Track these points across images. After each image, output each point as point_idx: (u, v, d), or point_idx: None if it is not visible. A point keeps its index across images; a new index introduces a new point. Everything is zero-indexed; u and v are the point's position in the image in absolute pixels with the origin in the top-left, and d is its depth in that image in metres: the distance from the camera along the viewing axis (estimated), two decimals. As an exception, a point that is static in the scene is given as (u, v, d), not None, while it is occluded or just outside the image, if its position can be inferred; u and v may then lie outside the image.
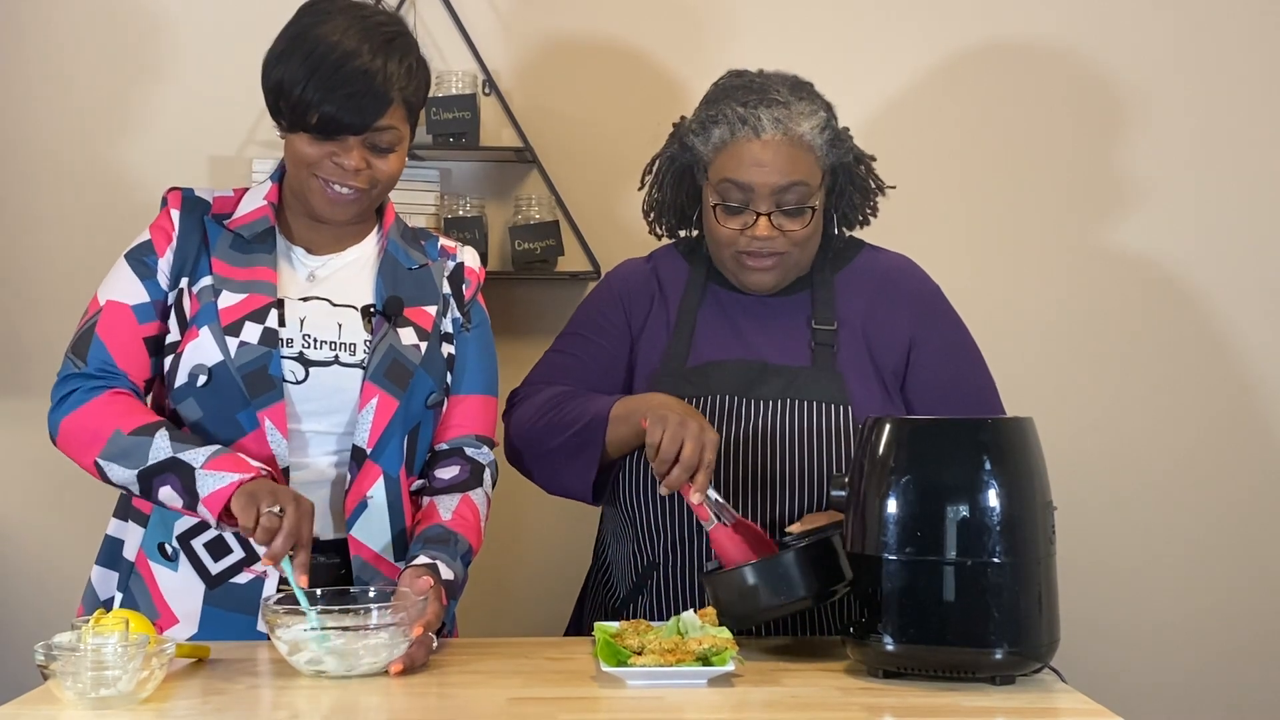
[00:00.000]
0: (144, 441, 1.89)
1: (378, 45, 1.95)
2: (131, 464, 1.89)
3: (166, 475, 1.88)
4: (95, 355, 1.97)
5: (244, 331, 1.96)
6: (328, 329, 2.01)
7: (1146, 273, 2.95)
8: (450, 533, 2.00)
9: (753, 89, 2.12)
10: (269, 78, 1.98)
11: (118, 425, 1.91)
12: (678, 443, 1.92)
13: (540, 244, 2.80)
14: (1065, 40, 2.93)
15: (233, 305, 1.97)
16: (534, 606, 2.89)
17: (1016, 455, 1.75)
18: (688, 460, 1.92)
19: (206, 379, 1.95)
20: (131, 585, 2.01)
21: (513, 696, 1.70)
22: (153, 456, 1.88)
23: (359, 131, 1.95)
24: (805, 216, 2.12)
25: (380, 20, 1.99)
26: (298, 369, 1.98)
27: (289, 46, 1.96)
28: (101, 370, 1.97)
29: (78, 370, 1.97)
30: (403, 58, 1.97)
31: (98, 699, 1.61)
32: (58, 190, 2.87)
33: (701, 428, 1.94)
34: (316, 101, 1.93)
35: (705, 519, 1.94)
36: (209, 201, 2.06)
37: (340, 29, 1.94)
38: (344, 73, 1.92)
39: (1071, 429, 2.88)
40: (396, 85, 1.96)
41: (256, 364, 1.95)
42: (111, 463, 1.91)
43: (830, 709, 1.65)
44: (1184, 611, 2.96)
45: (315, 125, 1.94)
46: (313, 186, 2.00)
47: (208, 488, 1.85)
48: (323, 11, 1.98)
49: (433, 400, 2.06)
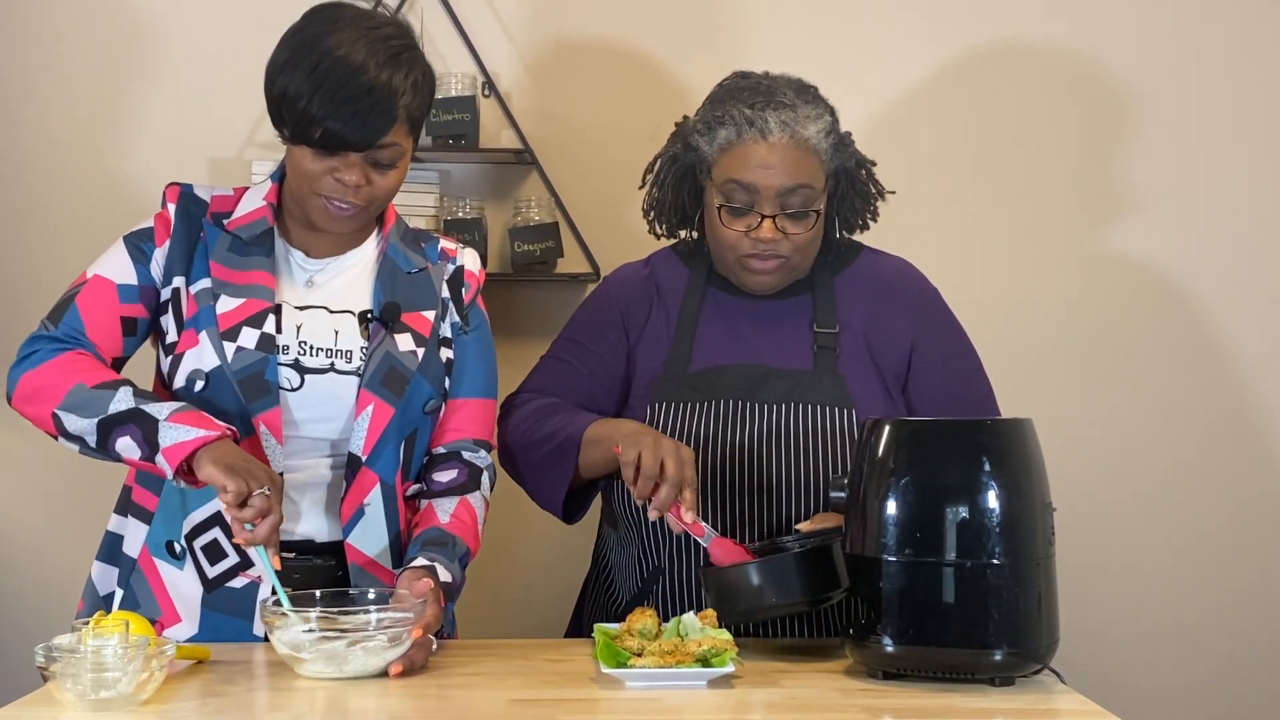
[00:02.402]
0: (106, 394, 1.86)
1: (385, 60, 1.91)
2: (90, 414, 1.86)
3: (127, 426, 1.84)
4: (68, 322, 1.96)
5: (241, 337, 1.95)
6: (324, 336, 2.00)
7: (1148, 277, 2.95)
8: (448, 535, 2.00)
9: (759, 91, 2.12)
10: (273, 86, 1.95)
11: (80, 380, 1.89)
12: (659, 460, 1.92)
13: (540, 246, 2.79)
14: (1071, 44, 2.93)
15: (230, 310, 1.97)
16: (533, 609, 2.89)
17: (1016, 456, 1.76)
18: (674, 476, 1.91)
19: (204, 384, 1.95)
20: (133, 582, 2.00)
21: (512, 698, 1.70)
22: (113, 407, 1.85)
23: (362, 149, 1.93)
24: (809, 220, 2.12)
25: (388, 33, 1.95)
26: (293, 376, 1.98)
27: (294, 56, 1.92)
28: (69, 335, 1.95)
29: (46, 333, 1.96)
30: (409, 72, 1.94)
31: (98, 700, 1.61)
32: (57, 192, 2.87)
33: (678, 445, 1.94)
34: (321, 117, 1.90)
35: (701, 534, 1.94)
36: (206, 201, 2.05)
37: (347, 42, 1.90)
38: (350, 89, 1.89)
39: (1072, 431, 2.87)
40: (402, 102, 1.92)
41: (253, 369, 1.95)
42: (70, 413, 1.87)
43: (830, 710, 1.65)
44: (1184, 612, 2.96)
45: (319, 140, 1.91)
46: (314, 203, 1.98)
47: (170, 439, 1.82)
48: (329, 20, 1.94)
49: (430, 406, 2.06)
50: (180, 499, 1.97)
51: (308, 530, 2.00)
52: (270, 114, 1.98)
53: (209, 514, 1.96)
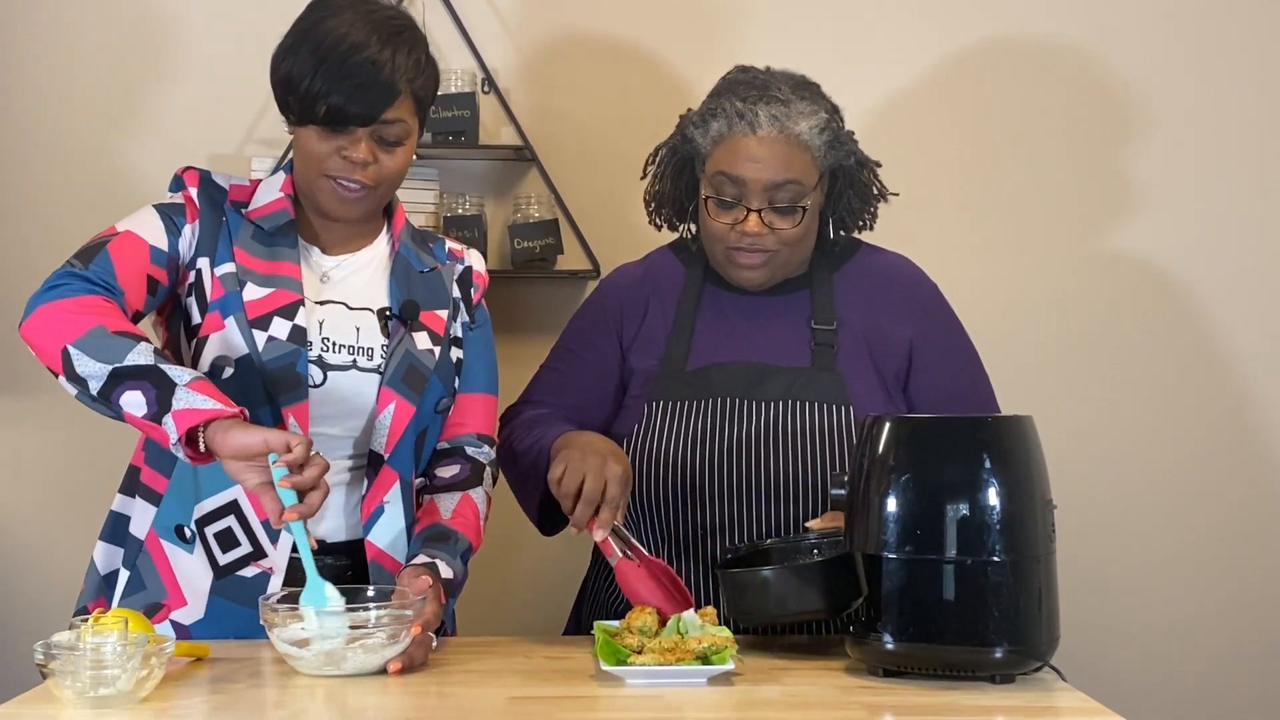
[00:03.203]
0: (126, 342, 1.79)
1: (386, 37, 1.94)
2: (106, 359, 1.77)
3: (140, 381, 1.76)
4: (100, 264, 1.89)
5: (273, 327, 1.95)
6: (346, 333, 2.00)
7: (1148, 275, 2.95)
8: (450, 531, 2.00)
9: (754, 85, 2.12)
10: (277, 71, 1.97)
11: (102, 322, 1.80)
12: (577, 478, 1.91)
13: (539, 242, 2.79)
14: (1071, 43, 2.93)
15: (259, 299, 1.96)
16: (534, 606, 2.89)
17: (1016, 454, 1.75)
18: (588, 494, 1.91)
19: (232, 371, 1.94)
20: (139, 563, 1.98)
21: (512, 695, 1.70)
22: (130, 359, 1.77)
23: (367, 123, 1.94)
24: (796, 216, 2.11)
25: (389, 14, 1.99)
26: (316, 372, 1.97)
27: (297, 41, 1.96)
28: (101, 279, 1.88)
29: (76, 270, 1.88)
30: (411, 50, 1.97)
31: (97, 698, 1.61)
32: (57, 188, 2.87)
33: (603, 462, 1.92)
34: (325, 92, 1.92)
35: (610, 554, 1.94)
36: (225, 188, 2.04)
37: (348, 22, 1.94)
38: (352, 63, 1.91)
39: (1073, 428, 2.88)
40: (405, 77, 1.95)
41: (284, 360, 1.94)
42: (83, 353, 1.78)
43: (830, 708, 1.65)
44: (1184, 610, 2.96)
45: (323, 117, 1.93)
46: (322, 185, 1.99)
47: (183, 403, 1.75)
48: (330, 6, 1.97)
49: (442, 405, 2.06)
50: (193, 483, 1.96)
51: (323, 530, 1.99)
52: (276, 100, 2.00)
53: (223, 501, 1.95)
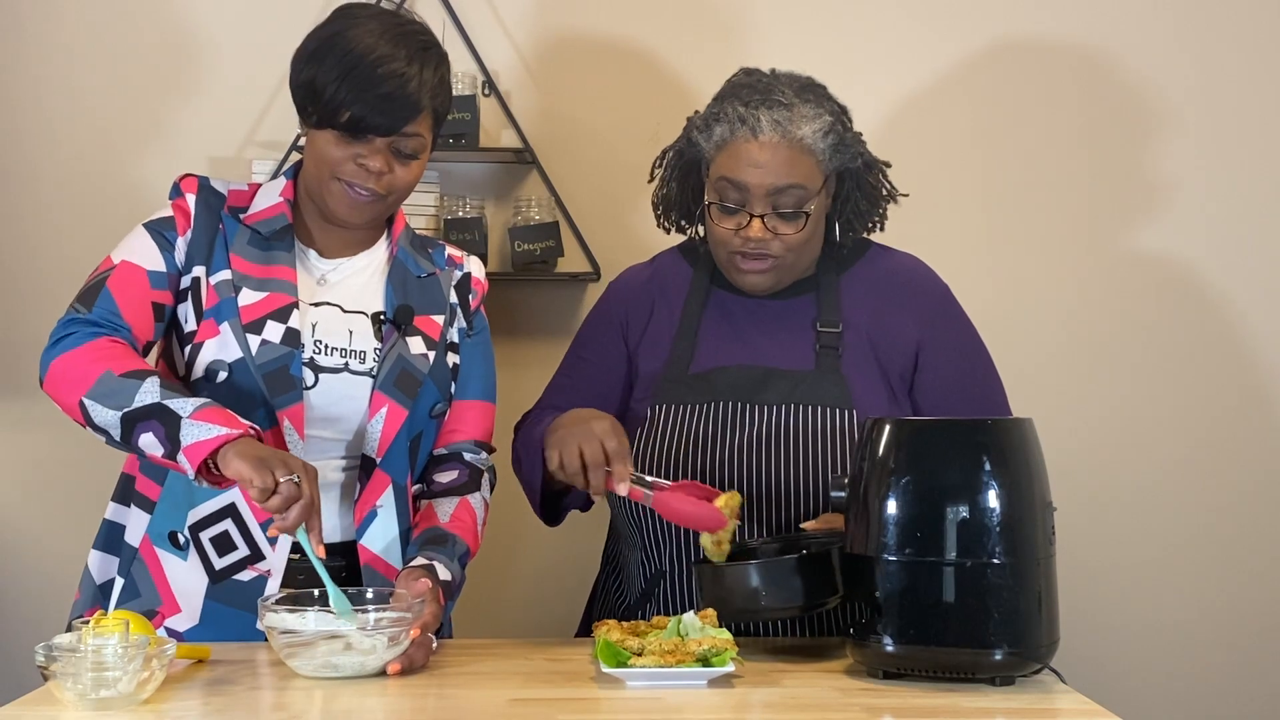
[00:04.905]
0: (132, 384, 1.83)
1: (414, 51, 1.96)
2: (116, 404, 1.82)
3: (149, 421, 1.80)
4: (102, 305, 1.93)
5: (266, 330, 1.96)
6: (339, 335, 2.01)
7: (1162, 275, 2.95)
8: (448, 534, 2.00)
9: (758, 88, 2.11)
10: (298, 75, 1.98)
11: (109, 367, 1.85)
12: (574, 454, 1.91)
13: (540, 245, 2.79)
14: (1085, 41, 2.92)
15: (254, 303, 1.97)
16: (535, 609, 2.89)
17: (1016, 456, 1.75)
18: (592, 461, 1.91)
19: (226, 374, 1.95)
20: (133, 571, 1.99)
21: (513, 698, 1.70)
22: (138, 400, 1.82)
23: (388, 134, 1.95)
24: (800, 220, 2.10)
25: (416, 29, 2.01)
26: (308, 374, 1.98)
27: (321, 46, 1.96)
28: (105, 319, 1.92)
29: (80, 315, 1.93)
30: (436, 67, 1.99)
31: (98, 700, 1.61)
32: (59, 190, 2.87)
33: (588, 427, 1.92)
34: (349, 101, 1.93)
35: (640, 499, 1.93)
36: (224, 194, 2.05)
37: (375, 33, 1.95)
38: (379, 75, 1.92)
39: (1087, 428, 2.88)
40: (429, 93, 1.97)
41: (278, 363, 1.95)
42: (97, 403, 1.83)
43: (830, 710, 1.65)
44: (1184, 612, 2.96)
45: (345, 124, 1.94)
46: (333, 189, 2.00)
47: (191, 437, 1.78)
48: (356, 16, 1.99)
49: (437, 410, 2.07)
50: (186, 490, 1.96)
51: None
52: (295, 101, 2.01)
53: (218, 506, 1.96)
